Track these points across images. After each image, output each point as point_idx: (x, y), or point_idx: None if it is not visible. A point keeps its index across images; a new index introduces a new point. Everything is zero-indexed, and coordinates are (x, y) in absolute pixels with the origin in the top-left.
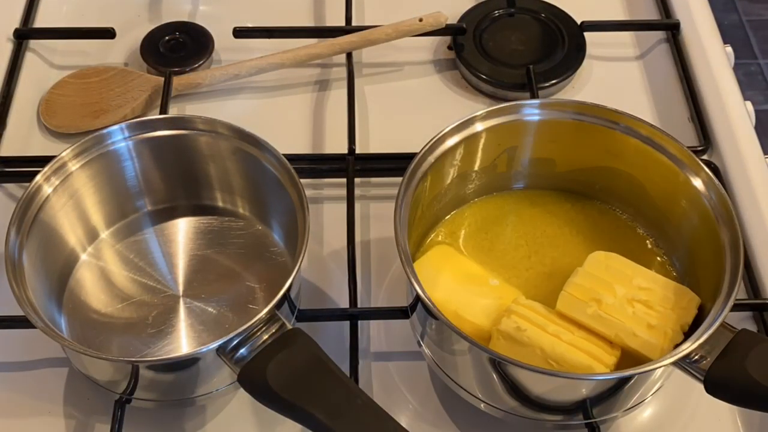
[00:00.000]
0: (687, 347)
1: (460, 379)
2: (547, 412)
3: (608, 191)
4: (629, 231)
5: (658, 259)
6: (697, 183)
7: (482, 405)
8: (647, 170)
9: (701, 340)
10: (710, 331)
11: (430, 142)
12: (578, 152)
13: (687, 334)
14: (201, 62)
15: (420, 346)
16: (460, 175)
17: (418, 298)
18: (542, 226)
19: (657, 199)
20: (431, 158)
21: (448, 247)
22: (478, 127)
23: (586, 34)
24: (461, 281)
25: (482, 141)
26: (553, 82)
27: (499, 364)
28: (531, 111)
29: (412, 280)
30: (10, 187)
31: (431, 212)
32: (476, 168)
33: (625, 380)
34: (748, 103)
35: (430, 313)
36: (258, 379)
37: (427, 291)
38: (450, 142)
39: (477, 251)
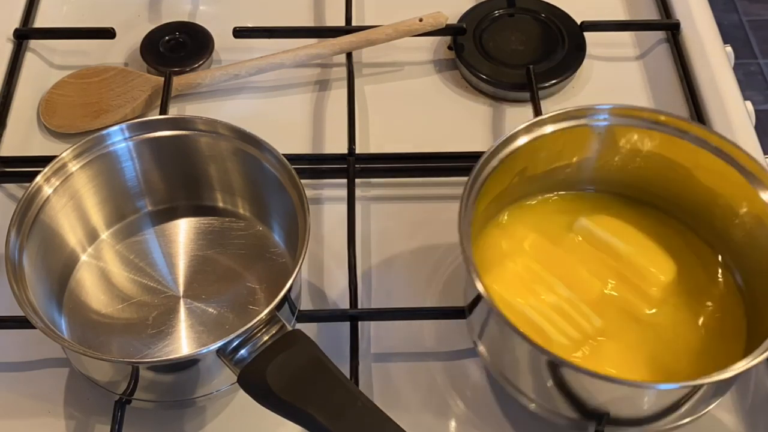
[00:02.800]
0: None
1: (519, 382)
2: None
3: (674, 200)
4: (693, 242)
5: (720, 271)
6: (766, 196)
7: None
8: (715, 181)
9: None
10: None
11: (498, 141)
12: (646, 160)
13: None
14: (201, 62)
15: (476, 346)
16: (524, 176)
17: (478, 298)
18: (604, 231)
19: (723, 211)
20: (495, 161)
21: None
22: (548, 129)
23: (586, 34)
24: (523, 281)
25: (549, 143)
26: (553, 82)
27: (562, 369)
28: (597, 116)
29: (477, 283)
30: (10, 187)
31: (491, 211)
32: (541, 170)
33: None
34: (748, 103)
35: (494, 314)
36: (258, 381)
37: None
38: (518, 143)
39: (536, 251)
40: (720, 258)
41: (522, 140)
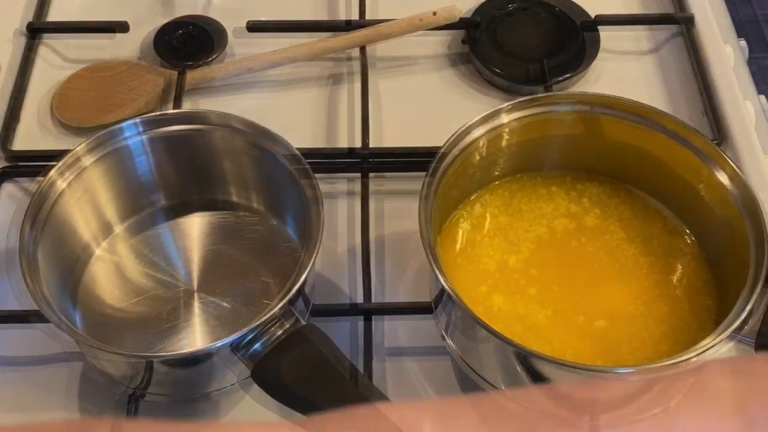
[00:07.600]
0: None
1: (486, 374)
2: None
3: (637, 178)
4: (659, 215)
5: (687, 240)
6: (723, 177)
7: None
8: (674, 164)
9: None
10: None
11: (454, 135)
12: (605, 144)
13: None
14: (214, 56)
15: (444, 339)
16: (484, 165)
17: (443, 292)
18: (569, 207)
19: (684, 191)
20: (455, 150)
21: (469, 234)
22: (504, 119)
23: (599, 27)
24: (485, 272)
25: (508, 133)
26: (567, 75)
27: (525, 358)
28: (557, 104)
29: (439, 275)
30: (24, 181)
31: (454, 197)
32: (501, 158)
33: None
34: (762, 97)
35: (457, 306)
36: (271, 375)
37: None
38: (475, 134)
39: (501, 232)
40: (687, 229)
41: (478, 131)
